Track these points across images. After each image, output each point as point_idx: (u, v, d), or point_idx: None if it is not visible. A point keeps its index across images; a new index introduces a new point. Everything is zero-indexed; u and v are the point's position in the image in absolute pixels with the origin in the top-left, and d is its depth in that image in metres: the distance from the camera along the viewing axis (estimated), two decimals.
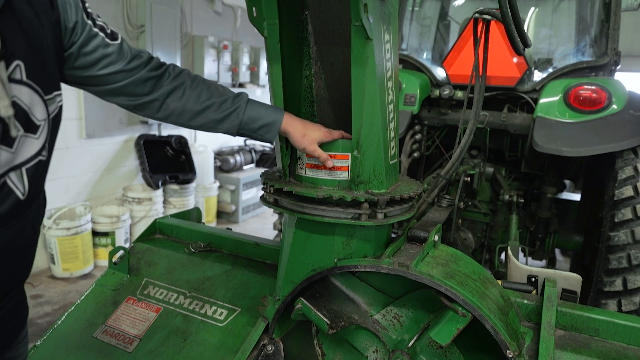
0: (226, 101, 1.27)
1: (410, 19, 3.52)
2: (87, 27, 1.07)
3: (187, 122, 1.29)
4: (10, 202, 0.97)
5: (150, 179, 5.17)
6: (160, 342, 1.59)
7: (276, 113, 1.29)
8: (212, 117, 1.27)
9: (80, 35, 1.06)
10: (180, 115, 1.27)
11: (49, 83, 1.01)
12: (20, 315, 1.20)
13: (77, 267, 4.28)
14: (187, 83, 1.26)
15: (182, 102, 1.25)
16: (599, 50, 2.97)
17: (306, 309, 1.37)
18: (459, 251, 1.51)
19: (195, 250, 1.96)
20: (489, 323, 1.20)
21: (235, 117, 1.27)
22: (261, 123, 1.28)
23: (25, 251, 1.11)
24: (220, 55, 6.21)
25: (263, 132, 1.29)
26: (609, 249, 2.36)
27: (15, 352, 1.21)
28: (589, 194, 3.34)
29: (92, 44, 1.08)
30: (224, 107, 1.27)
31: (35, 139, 0.99)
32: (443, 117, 3.07)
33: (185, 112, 1.26)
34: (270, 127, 1.28)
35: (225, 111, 1.27)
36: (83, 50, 1.08)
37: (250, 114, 1.28)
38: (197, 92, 1.26)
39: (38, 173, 1.04)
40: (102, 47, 1.10)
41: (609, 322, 1.35)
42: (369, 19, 1.06)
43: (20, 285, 1.17)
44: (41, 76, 0.98)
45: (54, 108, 1.04)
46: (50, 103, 1.02)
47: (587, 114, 2.52)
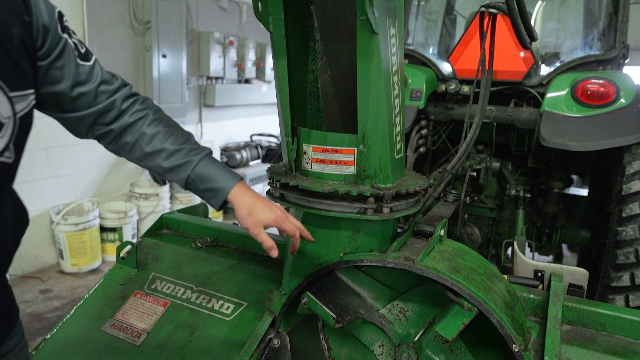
0: (179, 151, 1.20)
1: (416, 13, 3.50)
2: (61, 40, 1.03)
3: (135, 160, 1.23)
4: None
5: (157, 175, 5.20)
6: (168, 336, 1.60)
7: (228, 180, 1.21)
8: (159, 164, 1.20)
9: (53, 48, 1.02)
10: (130, 152, 1.21)
11: (17, 80, 0.95)
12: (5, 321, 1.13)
13: (86, 262, 4.33)
14: (147, 120, 1.20)
15: (134, 138, 1.19)
16: (607, 43, 2.94)
17: (312, 303, 1.38)
18: (464, 246, 1.51)
19: (202, 245, 1.97)
20: (494, 317, 1.20)
21: (183, 172, 1.20)
22: (208, 186, 1.20)
23: None
24: (226, 51, 6.21)
25: (208, 196, 1.22)
26: (617, 244, 2.35)
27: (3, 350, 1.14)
28: (596, 188, 3.32)
29: (64, 58, 1.04)
30: (174, 158, 1.19)
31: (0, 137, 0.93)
32: (449, 112, 3.06)
33: (135, 150, 1.20)
34: (215, 193, 1.20)
35: (175, 162, 1.19)
36: (54, 64, 1.03)
37: (201, 172, 1.20)
38: (152, 132, 1.19)
39: (2, 176, 0.97)
40: (73, 64, 1.06)
41: (615, 317, 1.35)
42: (375, 13, 1.06)
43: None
44: (7, 72, 0.92)
45: (24, 106, 0.97)
46: (18, 100, 0.95)
47: (594, 108, 2.50)
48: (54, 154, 4.33)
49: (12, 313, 1.17)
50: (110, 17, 4.70)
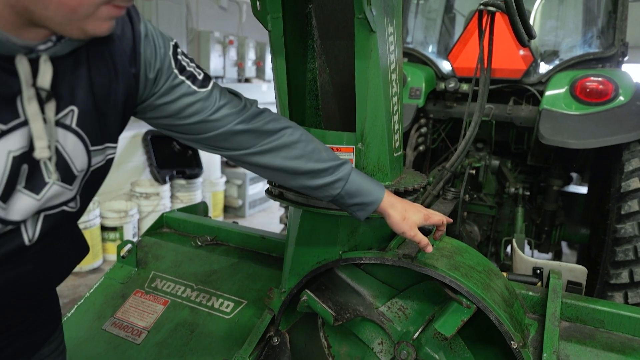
0: (326, 171, 1.13)
1: (415, 12, 3.51)
2: (171, 76, 0.98)
3: (279, 182, 1.18)
4: (11, 246, 0.86)
5: (157, 174, 5.20)
6: (168, 334, 1.61)
7: (378, 192, 1.17)
8: (305, 184, 1.14)
9: (162, 86, 0.97)
10: (273, 175, 1.15)
11: (101, 134, 0.91)
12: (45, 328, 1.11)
13: (87, 262, 4.33)
14: (286, 141, 1.12)
15: (277, 162, 1.11)
16: (606, 41, 2.95)
17: (312, 301, 1.39)
18: (463, 243, 1.51)
19: (202, 243, 1.98)
20: (493, 314, 1.21)
21: (331, 190, 1.14)
22: (358, 201, 1.16)
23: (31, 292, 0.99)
24: (226, 50, 6.22)
25: (355, 210, 1.17)
26: (615, 242, 2.35)
27: None
28: (595, 186, 3.33)
29: (174, 93, 0.99)
30: (321, 176, 1.13)
31: (69, 190, 0.90)
32: (448, 110, 3.07)
33: (278, 173, 1.14)
34: (364, 207, 1.16)
35: (322, 180, 1.13)
36: (162, 100, 0.99)
37: (349, 189, 1.14)
38: (294, 153, 1.12)
39: (57, 223, 0.92)
40: (185, 96, 1.00)
41: (614, 314, 1.35)
42: (372, 11, 1.07)
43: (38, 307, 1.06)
44: (94, 126, 0.89)
45: (99, 160, 0.94)
46: (96, 154, 0.92)
47: (593, 106, 2.51)
48: None
49: (55, 319, 1.17)
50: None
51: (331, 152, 1.18)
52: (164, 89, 0.98)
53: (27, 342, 1.06)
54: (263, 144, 1.10)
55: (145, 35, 0.93)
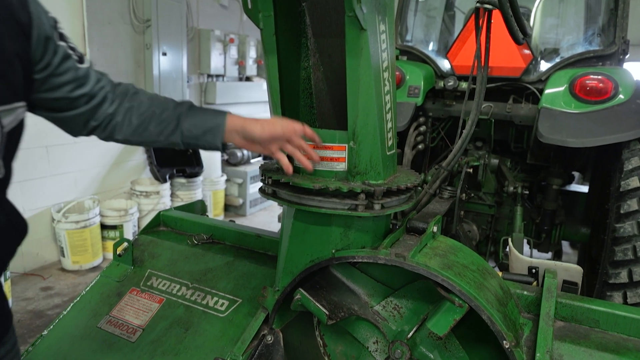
0: (166, 110, 1.20)
1: (415, 10, 3.49)
2: (60, 49, 1.03)
3: (128, 136, 1.22)
4: None
5: (157, 173, 5.21)
6: (163, 332, 1.61)
7: (219, 114, 1.23)
8: (153, 130, 1.20)
9: (53, 57, 1.02)
10: (121, 130, 1.20)
11: (6, 93, 0.94)
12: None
13: (87, 260, 4.35)
14: (129, 96, 1.21)
15: (126, 117, 1.19)
16: (607, 39, 2.92)
17: (305, 299, 1.38)
18: (458, 242, 1.51)
19: (198, 242, 1.97)
20: (485, 314, 1.20)
21: (175, 127, 1.20)
22: (205, 128, 1.20)
23: None
24: (226, 48, 6.22)
25: (209, 139, 1.21)
26: (615, 241, 2.34)
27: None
28: (596, 185, 3.31)
29: (65, 65, 1.05)
30: (164, 117, 1.19)
31: None
32: (447, 109, 3.05)
33: (127, 127, 1.20)
34: (214, 132, 1.20)
35: (166, 121, 1.19)
36: (55, 72, 1.04)
37: (192, 120, 1.20)
38: (137, 103, 1.20)
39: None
40: (73, 69, 1.07)
41: (609, 314, 1.35)
42: (363, 9, 1.06)
43: None
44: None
45: (10, 120, 0.96)
46: (5, 115, 0.94)
47: (593, 104, 2.49)
48: (54, 152, 4.35)
49: (5, 320, 1.16)
50: (110, 15, 4.70)
51: (167, 98, 1.25)
52: (56, 62, 1.03)
53: None
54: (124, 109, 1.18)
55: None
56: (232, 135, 1.22)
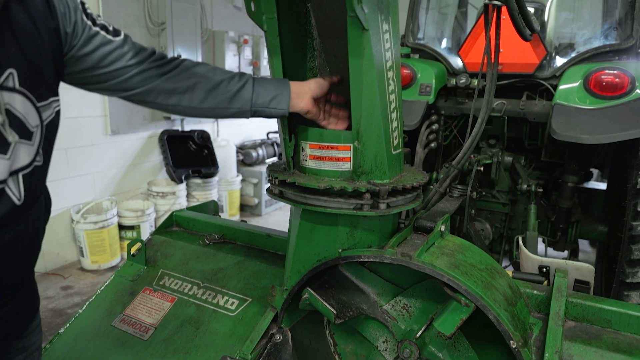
0: (234, 77, 1.24)
1: (426, 7, 3.47)
2: (86, 28, 1.07)
3: (198, 104, 1.24)
4: (6, 208, 0.98)
5: (173, 174, 5.28)
6: (174, 331, 1.64)
7: (283, 82, 1.27)
8: (223, 97, 1.23)
9: (80, 37, 1.06)
10: (191, 98, 1.22)
11: (43, 89, 1.01)
12: (30, 307, 1.24)
13: (105, 260, 4.44)
14: (190, 65, 1.24)
15: (191, 82, 1.21)
16: (624, 32, 2.85)
17: (313, 298, 1.39)
18: (466, 241, 1.50)
19: (209, 242, 2.00)
20: (491, 313, 1.19)
21: (246, 93, 1.23)
22: (272, 95, 1.24)
23: (27, 251, 1.13)
24: (240, 50, 6.26)
25: (276, 104, 1.25)
26: (632, 239, 2.29)
27: (28, 341, 1.25)
28: (614, 182, 3.24)
29: (93, 43, 1.08)
30: (232, 84, 1.22)
31: (30, 145, 1.01)
32: (460, 107, 3.02)
33: (195, 93, 1.22)
34: (280, 98, 1.24)
35: (235, 87, 1.22)
36: (83, 51, 1.08)
37: (259, 88, 1.24)
38: (203, 70, 1.23)
39: (35, 178, 1.05)
40: (103, 45, 1.10)
41: (621, 314, 1.32)
42: (364, 10, 1.06)
43: (27, 280, 1.19)
44: (35, 83, 0.99)
45: (49, 114, 1.05)
46: (44, 109, 1.03)
47: (608, 100, 2.43)
48: (73, 155, 4.45)
49: (37, 297, 1.28)
50: (125, 18, 4.79)
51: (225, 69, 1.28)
52: (82, 40, 1.07)
53: (18, 319, 1.17)
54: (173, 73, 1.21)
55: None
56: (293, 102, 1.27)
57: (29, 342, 1.25)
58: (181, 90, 1.21)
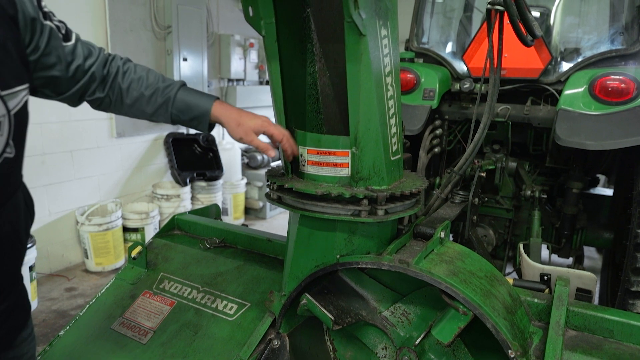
0: (155, 93, 1.27)
1: (431, 12, 3.46)
2: (46, 28, 1.07)
3: (120, 113, 1.31)
4: None
5: (178, 176, 5.30)
6: (173, 335, 1.64)
7: (206, 103, 1.29)
8: (143, 110, 1.29)
9: (41, 37, 1.06)
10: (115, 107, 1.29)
11: (7, 78, 0.99)
12: (20, 314, 1.19)
13: (109, 262, 4.45)
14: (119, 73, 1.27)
15: (115, 94, 1.26)
16: (630, 37, 2.83)
17: (311, 304, 1.38)
18: (467, 248, 1.48)
19: (210, 246, 2.00)
20: (490, 322, 1.18)
21: (165, 111, 1.28)
22: (191, 115, 1.28)
23: (7, 253, 1.09)
24: (246, 53, 6.28)
25: (195, 125, 1.29)
26: (637, 247, 2.26)
27: (19, 351, 1.20)
28: (621, 189, 3.20)
29: (52, 44, 1.09)
30: (152, 101, 1.27)
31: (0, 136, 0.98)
32: (464, 112, 3.01)
33: (117, 105, 1.28)
34: (200, 120, 1.28)
35: (155, 105, 1.27)
36: (45, 51, 1.08)
37: (179, 106, 1.27)
38: (127, 84, 1.26)
39: (5, 170, 1.02)
40: (60, 47, 1.11)
41: (624, 324, 1.30)
42: (362, 15, 1.06)
43: (12, 286, 1.15)
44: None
45: (16, 103, 1.02)
46: (10, 98, 1.00)
47: (614, 106, 2.41)
48: (78, 157, 4.48)
49: (27, 304, 1.25)
50: (132, 22, 4.82)
51: (162, 77, 1.31)
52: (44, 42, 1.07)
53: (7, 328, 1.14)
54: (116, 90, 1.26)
55: None
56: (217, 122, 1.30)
57: (21, 352, 1.21)
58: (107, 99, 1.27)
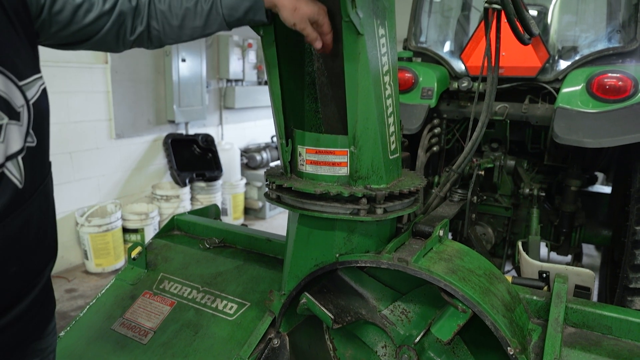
0: (198, 2, 1.19)
1: (429, 11, 3.46)
2: None
3: (176, 40, 1.23)
4: (9, 193, 0.97)
5: (177, 177, 5.31)
6: (173, 335, 1.64)
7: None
8: (194, 25, 1.21)
9: None
10: (166, 36, 1.22)
11: (23, 68, 0.99)
12: (48, 307, 1.22)
13: (109, 263, 4.46)
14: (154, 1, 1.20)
15: (160, 24, 1.19)
16: (628, 35, 2.84)
17: (311, 303, 1.39)
18: (465, 246, 1.49)
19: (209, 246, 2.00)
20: (488, 319, 1.18)
21: (216, 14, 1.19)
22: (245, 7, 1.18)
23: (38, 240, 1.10)
24: (245, 53, 6.28)
25: (252, 16, 1.20)
26: (635, 244, 2.26)
27: (45, 343, 1.23)
28: (619, 186, 3.21)
29: (60, 0, 1.05)
30: (199, 10, 1.19)
31: (20, 125, 0.98)
32: (462, 110, 3.02)
33: (168, 32, 1.21)
34: (255, 9, 1.19)
35: (203, 13, 1.19)
36: (53, 10, 1.04)
37: (228, 3, 1.19)
38: (167, 6, 1.19)
39: (33, 159, 1.03)
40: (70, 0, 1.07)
41: (622, 320, 1.31)
42: (359, 14, 1.06)
43: (42, 277, 1.16)
44: (13, 63, 0.96)
45: (34, 92, 1.02)
46: (28, 88, 1.00)
47: (611, 103, 2.42)
48: (78, 158, 4.48)
49: (53, 296, 1.27)
50: None
51: None
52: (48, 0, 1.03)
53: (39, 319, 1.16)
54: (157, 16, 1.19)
55: None
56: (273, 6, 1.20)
57: (46, 343, 1.24)
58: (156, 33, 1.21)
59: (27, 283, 1.10)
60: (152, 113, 5.23)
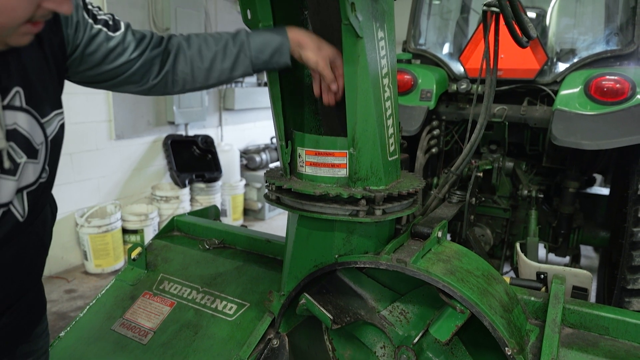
0: (227, 45, 1.21)
1: (428, 13, 3.48)
2: (87, 26, 1.05)
3: (203, 83, 1.25)
4: (9, 225, 0.97)
5: (177, 178, 5.31)
6: (173, 335, 1.65)
7: (280, 31, 1.22)
8: (223, 67, 1.22)
9: (82, 37, 1.04)
10: (194, 79, 1.23)
11: (47, 105, 1.00)
12: (36, 310, 1.23)
13: (109, 264, 4.46)
14: (183, 45, 1.22)
15: (188, 66, 1.21)
16: (625, 38, 2.85)
17: (310, 304, 1.40)
18: (464, 248, 1.50)
19: (209, 246, 2.01)
20: (487, 320, 1.19)
21: (244, 57, 1.21)
22: (271, 50, 1.20)
23: (34, 260, 1.11)
24: None
25: (277, 59, 1.22)
26: (633, 245, 2.28)
27: (34, 345, 1.25)
28: (617, 188, 3.23)
29: (95, 42, 1.06)
30: (228, 52, 1.21)
31: (36, 163, 0.99)
32: (461, 112, 3.03)
33: (196, 75, 1.22)
34: (281, 51, 1.21)
35: (232, 55, 1.21)
36: (87, 51, 1.06)
37: (256, 45, 1.20)
38: (196, 49, 1.21)
39: (39, 193, 1.03)
40: (105, 42, 1.08)
41: (619, 321, 1.32)
42: (358, 18, 1.07)
43: (34, 286, 1.17)
44: (40, 100, 0.97)
45: (53, 129, 1.03)
46: (48, 125, 1.01)
47: (609, 106, 2.43)
48: (78, 159, 4.49)
49: (43, 300, 1.29)
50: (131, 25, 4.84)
51: (222, 33, 1.25)
52: (85, 41, 1.05)
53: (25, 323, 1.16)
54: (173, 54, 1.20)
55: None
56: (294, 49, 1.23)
57: (36, 346, 1.25)
58: (183, 77, 1.22)
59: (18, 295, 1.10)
60: (152, 114, 5.24)
